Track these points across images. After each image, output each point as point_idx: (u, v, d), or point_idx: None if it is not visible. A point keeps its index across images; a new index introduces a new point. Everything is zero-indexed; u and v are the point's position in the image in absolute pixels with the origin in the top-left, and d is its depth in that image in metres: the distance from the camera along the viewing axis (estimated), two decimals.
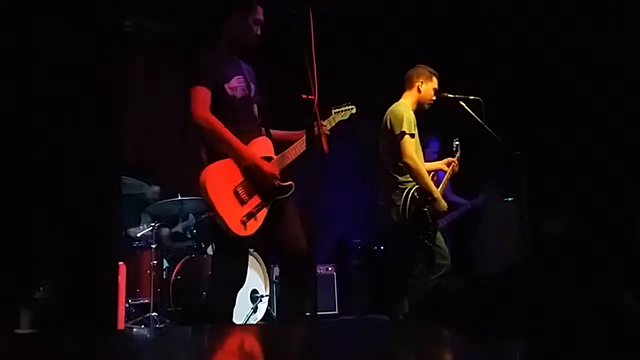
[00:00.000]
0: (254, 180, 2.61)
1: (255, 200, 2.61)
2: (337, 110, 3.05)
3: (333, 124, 3.00)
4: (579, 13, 4.62)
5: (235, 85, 2.70)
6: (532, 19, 5.01)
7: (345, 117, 3.04)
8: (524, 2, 5.02)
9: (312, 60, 2.35)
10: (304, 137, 2.54)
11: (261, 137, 2.76)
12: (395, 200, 3.43)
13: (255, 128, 2.75)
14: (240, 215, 2.54)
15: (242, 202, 2.56)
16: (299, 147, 2.75)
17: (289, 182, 2.71)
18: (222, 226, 2.50)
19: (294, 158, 2.76)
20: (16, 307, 2.40)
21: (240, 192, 2.57)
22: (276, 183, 2.65)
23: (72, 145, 2.59)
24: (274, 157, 2.74)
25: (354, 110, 3.07)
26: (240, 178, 2.59)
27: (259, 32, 2.78)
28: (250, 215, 2.56)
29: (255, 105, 2.81)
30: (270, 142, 2.78)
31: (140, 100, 5.44)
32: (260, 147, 2.71)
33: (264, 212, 2.62)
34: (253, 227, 2.57)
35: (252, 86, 2.80)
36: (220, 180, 2.55)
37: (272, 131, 2.88)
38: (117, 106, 2.87)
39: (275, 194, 2.66)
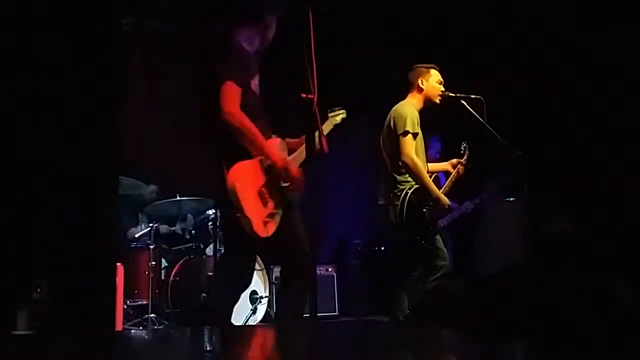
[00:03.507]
0: (276, 180, 2.60)
1: (276, 200, 2.60)
2: (332, 114, 3.08)
3: (330, 127, 3.03)
4: (580, 13, 4.61)
5: (257, 82, 2.71)
6: (533, 18, 5.01)
7: (338, 122, 3.07)
8: (525, 1, 5.02)
9: (312, 60, 2.35)
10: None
11: (276, 138, 2.75)
12: (394, 200, 3.42)
13: (268, 128, 2.74)
14: (263, 217, 2.53)
15: (265, 203, 2.56)
16: (303, 153, 2.74)
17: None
18: (246, 227, 2.47)
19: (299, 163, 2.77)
20: (14, 308, 2.39)
21: (263, 192, 2.56)
22: (297, 184, 2.65)
23: (71, 145, 2.58)
24: (287, 158, 2.73)
25: (344, 115, 3.11)
26: (263, 179, 2.58)
27: (270, 38, 2.81)
28: (271, 216, 2.56)
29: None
30: (284, 144, 2.77)
31: (139, 100, 5.43)
32: (277, 148, 2.70)
33: (280, 213, 2.62)
34: (272, 228, 2.57)
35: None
36: (247, 181, 2.52)
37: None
38: (117, 106, 2.87)
39: (290, 195, 2.66)
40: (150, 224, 4.47)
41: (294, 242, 2.67)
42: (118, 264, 3.47)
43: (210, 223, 4.56)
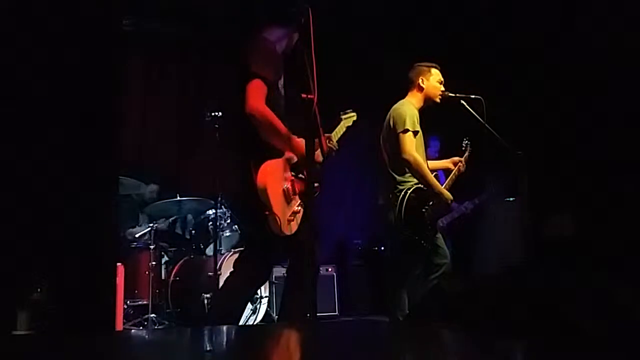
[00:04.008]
0: (298, 179, 2.62)
1: (297, 199, 2.63)
2: (345, 116, 3.08)
3: (343, 129, 3.03)
4: (580, 13, 4.61)
5: (282, 83, 2.72)
6: (533, 18, 5.01)
7: (350, 124, 3.09)
8: (525, 1, 5.02)
9: (312, 60, 2.35)
10: (318, 148, 2.54)
11: (300, 138, 2.74)
12: (394, 201, 3.42)
13: (290, 128, 2.72)
14: (287, 215, 2.55)
15: (289, 202, 2.58)
16: (318, 156, 2.76)
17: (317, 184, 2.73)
18: (273, 225, 2.48)
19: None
20: (14, 308, 2.39)
21: (288, 191, 2.58)
22: (317, 183, 2.66)
23: (71, 145, 2.58)
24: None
25: (355, 117, 3.12)
26: (288, 177, 2.60)
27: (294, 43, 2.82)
28: (294, 215, 2.59)
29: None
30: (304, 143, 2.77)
31: (139, 100, 5.43)
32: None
33: (301, 211, 2.64)
34: (295, 226, 2.59)
35: None
36: (275, 180, 2.54)
37: None
38: (116, 106, 2.87)
39: (312, 194, 2.68)
40: (151, 224, 4.46)
41: (309, 240, 2.68)
42: (118, 264, 3.47)
43: (210, 223, 4.56)
